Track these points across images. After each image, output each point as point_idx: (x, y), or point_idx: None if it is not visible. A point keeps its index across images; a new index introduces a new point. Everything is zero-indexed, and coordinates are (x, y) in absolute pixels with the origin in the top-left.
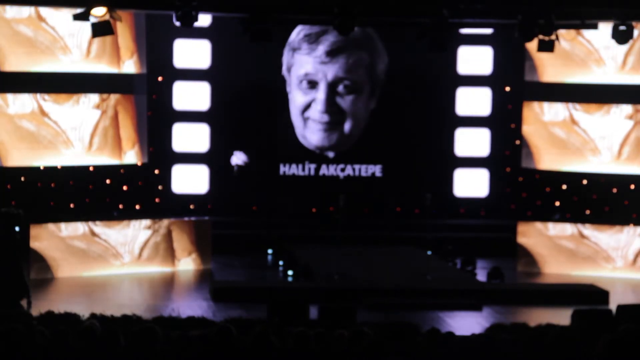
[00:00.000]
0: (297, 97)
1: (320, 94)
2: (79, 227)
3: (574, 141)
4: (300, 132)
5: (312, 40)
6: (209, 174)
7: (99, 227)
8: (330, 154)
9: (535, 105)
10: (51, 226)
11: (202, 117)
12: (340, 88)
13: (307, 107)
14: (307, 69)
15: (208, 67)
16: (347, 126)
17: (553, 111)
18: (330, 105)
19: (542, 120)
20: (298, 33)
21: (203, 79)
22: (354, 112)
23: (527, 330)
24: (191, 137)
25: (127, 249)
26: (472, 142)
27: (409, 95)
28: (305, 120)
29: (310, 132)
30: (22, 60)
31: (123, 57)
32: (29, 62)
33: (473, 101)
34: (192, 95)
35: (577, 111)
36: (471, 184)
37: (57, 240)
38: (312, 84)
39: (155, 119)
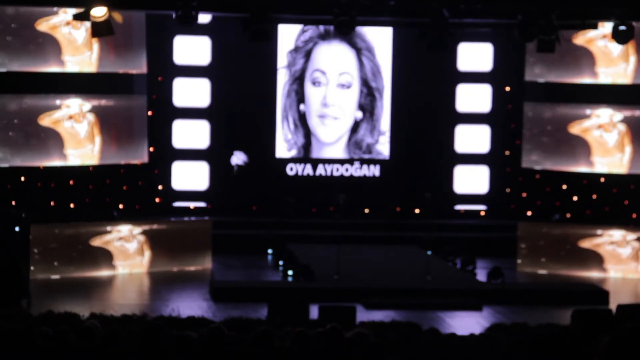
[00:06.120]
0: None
1: (321, 91)
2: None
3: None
4: (300, 130)
5: (314, 38)
6: (209, 171)
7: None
8: (331, 154)
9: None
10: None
11: (202, 114)
12: (341, 86)
13: (309, 104)
14: (308, 66)
15: (208, 64)
16: (347, 125)
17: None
18: (331, 103)
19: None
20: (301, 32)
21: (203, 76)
22: (354, 111)
23: (527, 330)
24: (191, 135)
25: (127, 249)
26: (472, 141)
27: (409, 95)
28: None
29: (311, 129)
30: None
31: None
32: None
33: (473, 100)
34: (192, 92)
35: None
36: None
37: (57, 240)
38: (314, 82)
39: (155, 119)
